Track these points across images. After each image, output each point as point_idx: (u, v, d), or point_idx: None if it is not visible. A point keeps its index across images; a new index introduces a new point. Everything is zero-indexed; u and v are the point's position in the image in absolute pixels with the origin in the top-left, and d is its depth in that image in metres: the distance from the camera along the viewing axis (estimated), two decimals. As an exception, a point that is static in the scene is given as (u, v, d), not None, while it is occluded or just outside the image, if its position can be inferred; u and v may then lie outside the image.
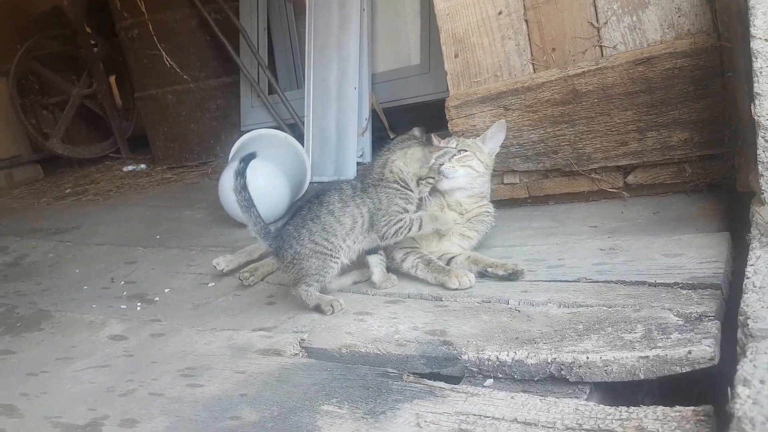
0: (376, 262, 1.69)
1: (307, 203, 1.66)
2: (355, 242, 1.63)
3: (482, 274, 1.61)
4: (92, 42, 5.55)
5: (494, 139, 1.80)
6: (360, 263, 1.72)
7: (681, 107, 1.75)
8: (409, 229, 1.61)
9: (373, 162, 1.71)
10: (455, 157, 1.71)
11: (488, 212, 1.78)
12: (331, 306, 1.58)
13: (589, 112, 1.87)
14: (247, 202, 1.64)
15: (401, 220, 1.60)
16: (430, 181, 1.64)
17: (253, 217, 1.63)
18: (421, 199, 1.67)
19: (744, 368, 0.86)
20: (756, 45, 1.18)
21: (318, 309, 1.60)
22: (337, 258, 1.61)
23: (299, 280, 1.61)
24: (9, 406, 1.44)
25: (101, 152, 5.73)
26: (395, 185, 1.62)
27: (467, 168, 1.72)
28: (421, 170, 1.62)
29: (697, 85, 1.71)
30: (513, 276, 1.55)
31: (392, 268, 1.72)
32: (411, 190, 1.63)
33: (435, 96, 3.09)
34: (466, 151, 1.73)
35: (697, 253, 1.44)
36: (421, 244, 1.73)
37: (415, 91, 3.37)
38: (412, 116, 3.41)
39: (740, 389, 0.82)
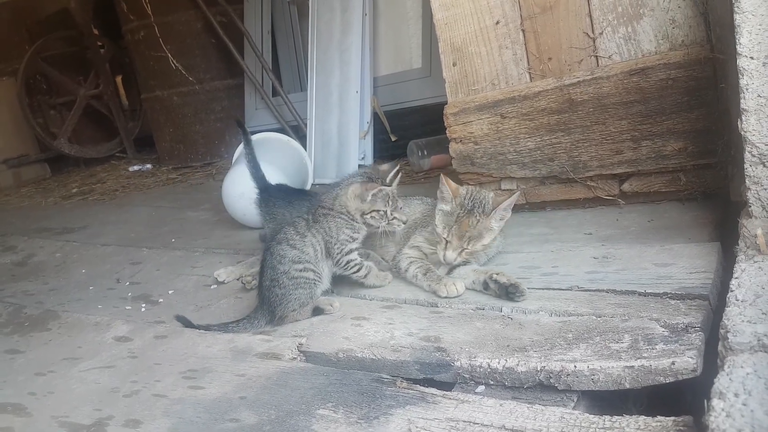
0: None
1: (266, 252, 1.72)
2: (324, 268, 1.72)
3: (486, 286, 1.58)
4: (99, 43, 5.62)
5: (506, 210, 1.68)
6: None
7: (675, 117, 1.77)
8: (358, 270, 1.73)
9: (325, 195, 1.79)
10: (472, 242, 1.66)
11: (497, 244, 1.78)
12: (331, 305, 1.66)
13: (584, 121, 1.90)
14: None
15: (354, 260, 1.72)
16: (374, 215, 1.71)
17: None
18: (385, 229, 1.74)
19: (720, 381, 0.89)
20: (742, 62, 1.21)
21: (317, 311, 1.66)
22: (319, 281, 1.69)
23: (290, 312, 1.67)
24: (17, 405, 1.49)
25: (107, 152, 5.80)
26: (343, 216, 1.72)
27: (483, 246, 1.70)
28: (362, 205, 1.71)
29: (690, 96, 1.73)
30: (512, 289, 1.50)
31: (399, 277, 1.79)
32: (356, 222, 1.73)
33: (436, 100, 3.11)
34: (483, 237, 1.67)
35: (687, 263, 1.47)
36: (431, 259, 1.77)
37: (417, 95, 3.40)
38: (413, 119, 3.45)
39: (715, 402, 0.85)
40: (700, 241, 1.59)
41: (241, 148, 2.94)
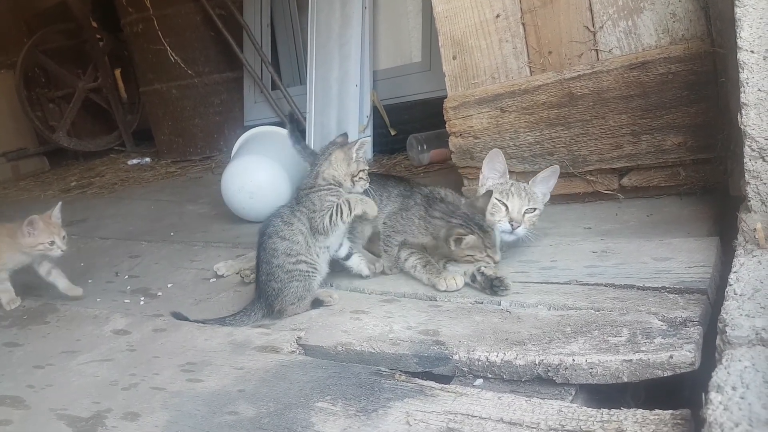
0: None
1: (259, 248, 1.71)
2: (318, 255, 1.70)
3: (474, 278, 1.60)
4: (98, 36, 5.60)
5: (545, 183, 1.78)
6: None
7: (675, 111, 1.77)
8: (340, 213, 1.66)
9: (305, 177, 1.78)
10: (528, 215, 1.71)
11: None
12: (330, 297, 1.66)
13: (584, 115, 1.90)
14: None
15: (330, 207, 1.67)
16: (362, 175, 1.71)
17: None
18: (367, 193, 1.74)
19: (718, 375, 0.89)
20: (742, 56, 1.20)
21: (316, 304, 1.66)
22: (314, 272, 1.68)
23: (288, 306, 1.66)
24: (16, 397, 1.49)
25: (106, 145, 5.79)
26: (327, 187, 1.70)
27: (533, 226, 1.73)
28: (349, 167, 1.70)
29: (690, 90, 1.73)
30: (496, 282, 1.52)
31: (397, 267, 1.78)
32: (341, 188, 1.70)
33: (436, 93, 3.10)
34: (536, 209, 1.72)
35: (686, 258, 1.47)
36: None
37: (416, 89, 3.40)
38: (413, 113, 3.44)
39: (713, 395, 0.85)
40: (699, 235, 1.59)
41: (240, 141, 2.94)
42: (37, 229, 2.03)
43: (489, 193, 1.69)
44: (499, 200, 1.71)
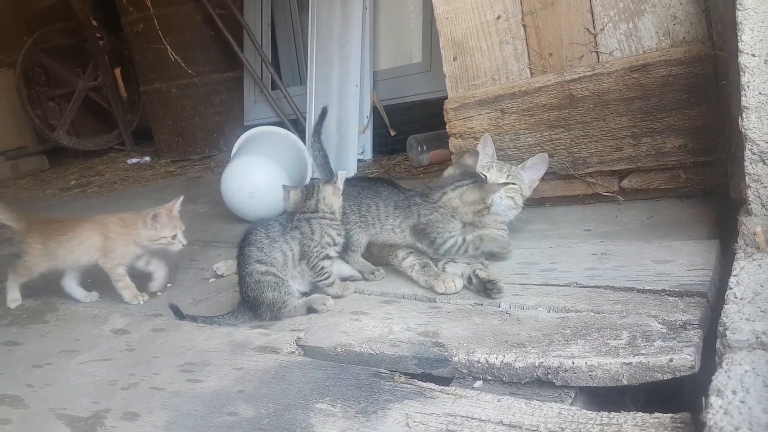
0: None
1: (238, 253, 1.71)
2: (293, 277, 1.69)
3: (470, 280, 1.61)
4: (98, 35, 5.59)
5: (534, 169, 1.86)
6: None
7: (675, 114, 1.77)
8: (327, 278, 1.69)
9: (305, 199, 1.75)
10: (504, 188, 1.75)
11: (502, 236, 1.79)
12: (324, 304, 1.65)
13: (584, 117, 1.90)
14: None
15: (327, 269, 1.70)
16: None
17: None
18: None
19: (719, 378, 0.89)
20: (743, 60, 1.20)
21: (310, 310, 1.66)
22: (283, 283, 1.66)
23: (281, 311, 1.66)
24: (15, 397, 1.49)
25: (106, 144, 5.79)
26: (328, 217, 1.71)
27: (510, 200, 1.79)
28: (339, 199, 1.73)
29: (691, 93, 1.73)
30: (489, 285, 1.52)
31: (393, 266, 1.78)
32: (338, 221, 1.73)
33: (436, 94, 3.10)
34: (515, 184, 1.79)
35: (686, 260, 1.47)
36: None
37: (417, 89, 3.39)
38: (413, 114, 3.44)
39: (713, 399, 0.85)
40: (699, 238, 1.59)
41: (240, 141, 2.93)
42: (161, 222, 1.94)
43: (476, 153, 1.77)
44: (479, 173, 1.75)
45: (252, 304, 1.67)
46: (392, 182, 1.94)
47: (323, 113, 1.91)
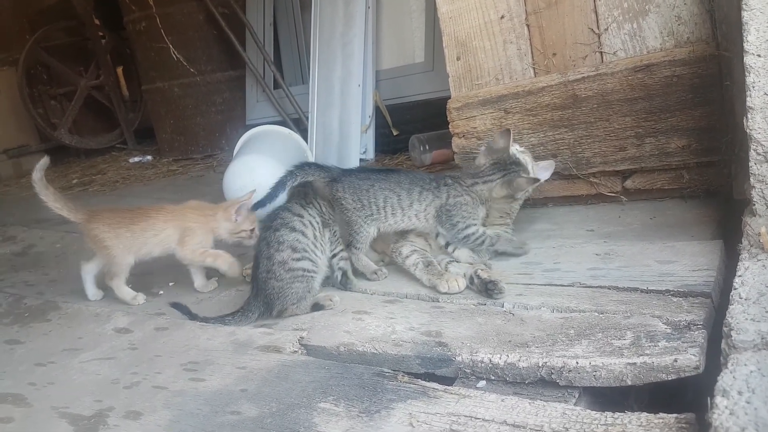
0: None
1: (261, 242, 1.71)
2: (323, 252, 1.72)
3: (472, 280, 1.62)
4: (100, 34, 5.59)
5: (543, 171, 1.85)
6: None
7: (679, 114, 1.77)
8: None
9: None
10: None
11: (506, 233, 1.81)
12: (331, 300, 1.65)
13: (588, 117, 1.89)
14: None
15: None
16: None
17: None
18: None
19: (724, 379, 0.89)
20: (749, 60, 1.20)
21: (316, 307, 1.65)
22: (316, 272, 1.68)
23: (290, 305, 1.66)
24: (17, 395, 1.49)
25: (108, 143, 5.78)
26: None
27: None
28: None
29: (695, 93, 1.73)
30: (491, 286, 1.53)
31: (396, 263, 1.78)
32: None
33: (439, 94, 3.10)
34: (539, 180, 1.79)
35: (690, 261, 1.47)
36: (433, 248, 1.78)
37: (419, 89, 3.39)
38: (415, 113, 3.43)
39: (719, 399, 0.85)
40: (703, 238, 1.59)
41: (243, 140, 2.93)
42: (242, 215, 1.95)
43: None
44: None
45: (270, 294, 1.64)
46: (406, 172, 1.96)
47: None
